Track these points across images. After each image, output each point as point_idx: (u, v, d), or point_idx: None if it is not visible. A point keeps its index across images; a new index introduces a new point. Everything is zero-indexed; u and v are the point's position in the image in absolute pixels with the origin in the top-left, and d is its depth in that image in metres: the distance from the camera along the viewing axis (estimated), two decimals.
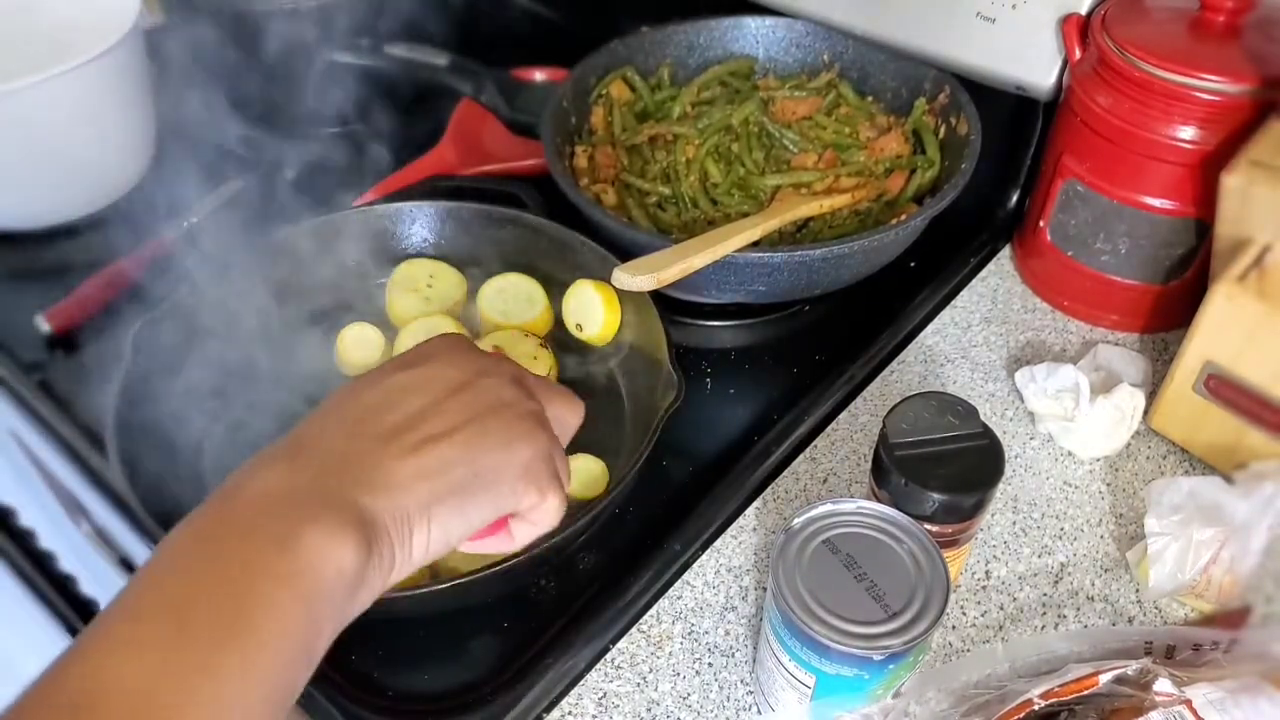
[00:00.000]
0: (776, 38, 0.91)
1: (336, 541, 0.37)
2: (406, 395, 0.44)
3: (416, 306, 0.76)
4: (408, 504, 0.40)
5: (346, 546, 0.37)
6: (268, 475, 0.39)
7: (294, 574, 0.36)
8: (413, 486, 0.41)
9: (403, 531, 0.40)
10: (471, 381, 0.45)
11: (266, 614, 0.35)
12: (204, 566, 0.36)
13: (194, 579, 0.35)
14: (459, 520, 0.42)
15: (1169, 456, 0.70)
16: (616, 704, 0.57)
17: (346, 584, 0.37)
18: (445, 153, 0.92)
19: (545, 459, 0.45)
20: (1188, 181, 0.70)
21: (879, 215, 0.79)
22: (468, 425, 0.43)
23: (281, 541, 0.36)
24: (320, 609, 0.36)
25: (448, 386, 0.44)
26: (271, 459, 0.40)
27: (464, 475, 0.42)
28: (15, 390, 0.76)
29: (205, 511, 0.38)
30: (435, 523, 0.41)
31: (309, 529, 0.37)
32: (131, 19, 0.83)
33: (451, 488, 0.41)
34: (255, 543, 0.36)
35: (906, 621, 0.47)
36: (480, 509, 0.43)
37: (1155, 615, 0.61)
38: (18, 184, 0.85)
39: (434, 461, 0.41)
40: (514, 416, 0.45)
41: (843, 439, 0.71)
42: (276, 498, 0.38)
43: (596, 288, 0.72)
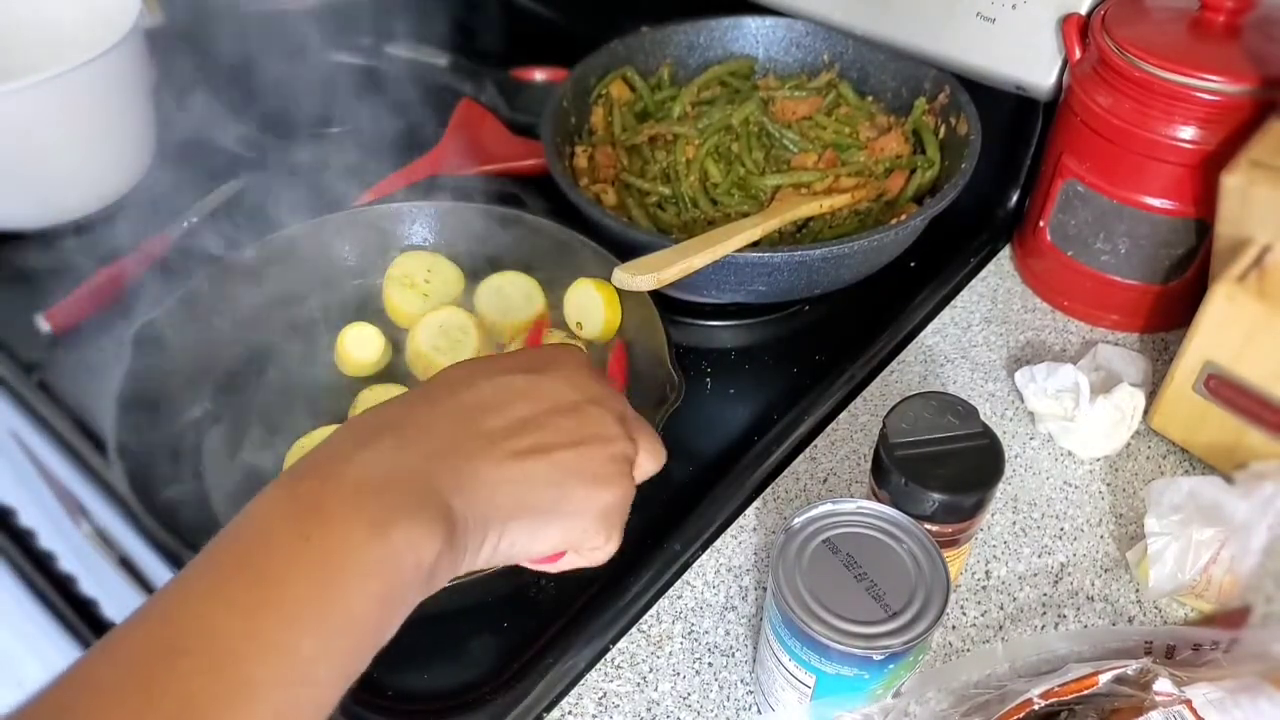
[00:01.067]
0: (776, 38, 0.91)
1: (425, 536, 0.38)
2: (519, 400, 0.43)
3: (414, 303, 0.75)
4: (489, 511, 0.41)
5: (432, 542, 0.38)
6: (371, 457, 0.39)
7: (381, 564, 0.36)
8: (499, 493, 0.41)
9: (478, 534, 0.41)
10: (581, 405, 0.45)
11: (348, 600, 0.36)
12: (302, 543, 0.36)
13: (291, 553, 0.36)
14: (529, 540, 0.42)
15: (1169, 456, 0.70)
16: (616, 704, 0.57)
17: (423, 577, 0.38)
18: (445, 153, 0.92)
19: (623, 507, 0.46)
20: (1188, 181, 0.70)
21: (879, 215, 0.79)
22: (566, 449, 0.43)
23: (375, 528, 0.37)
24: (396, 598, 0.37)
25: (559, 404, 0.44)
26: (377, 434, 0.40)
27: (548, 499, 0.42)
28: (15, 390, 0.76)
29: (307, 480, 0.38)
30: (507, 536, 0.41)
31: (402, 520, 0.37)
32: (131, 19, 0.83)
33: (534, 507, 0.42)
34: (350, 526, 0.37)
35: (906, 621, 0.47)
36: (551, 536, 0.43)
37: (1155, 615, 0.61)
38: (18, 184, 0.85)
39: (525, 474, 0.42)
40: (610, 456, 0.45)
41: (843, 439, 0.71)
42: (377, 482, 0.38)
43: (596, 287, 0.72)
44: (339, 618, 0.35)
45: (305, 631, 0.35)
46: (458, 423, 0.42)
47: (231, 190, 0.89)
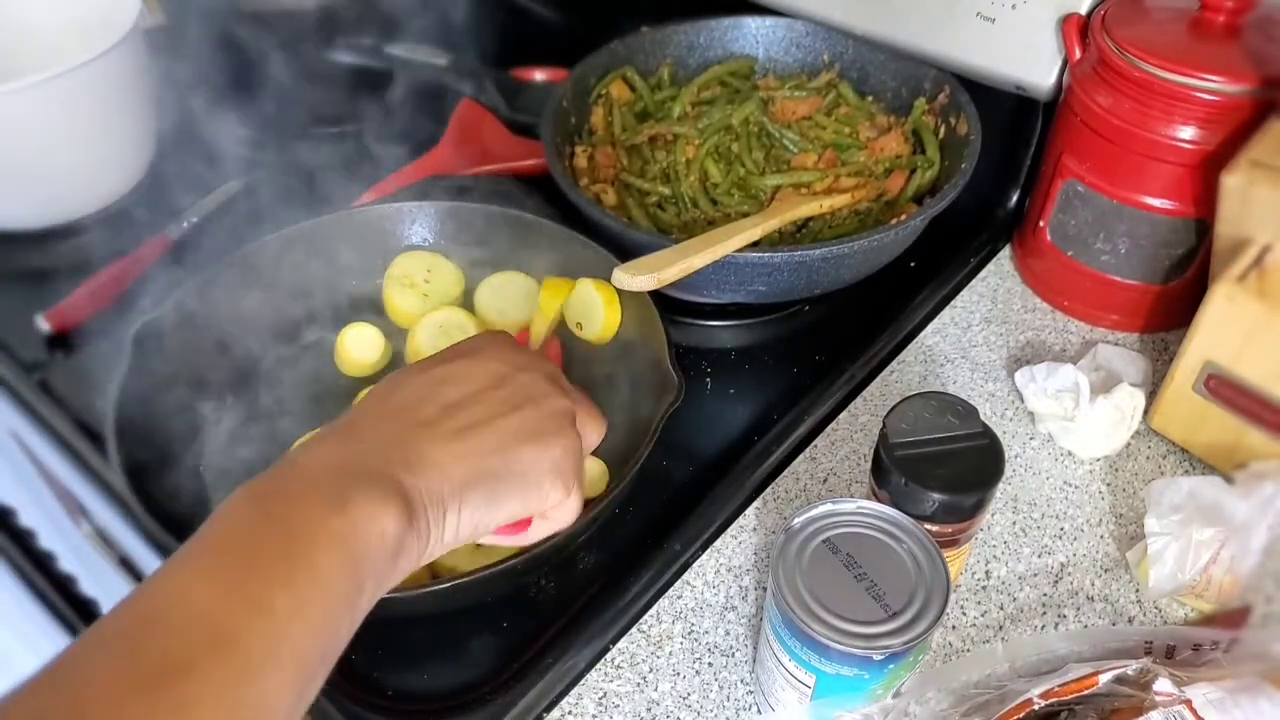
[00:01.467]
0: (776, 38, 0.91)
1: (380, 509, 0.40)
2: (446, 386, 0.46)
3: (414, 303, 0.75)
4: (443, 485, 0.43)
5: (389, 515, 0.40)
6: (321, 450, 0.43)
7: (342, 533, 0.39)
8: (449, 469, 0.43)
9: (438, 510, 0.43)
10: (510, 375, 0.47)
11: (317, 565, 0.38)
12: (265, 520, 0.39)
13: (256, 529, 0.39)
14: (489, 508, 0.45)
15: (1169, 456, 0.70)
16: (616, 704, 0.57)
17: (388, 550, 0.40)
18: (445, 153, 0.92)
19: (574, 455, 0.47)
20: (1188, 181, 0.70)
21: (879, 215, 0.79)
22: (504, 417, 0.46)
23: (333, 503, 0.39)
24: (364, 568, 0.39)
25: (487, 379, 0.47)
26: (324, 437, 0.44)
27: (497, 464, 0.45)
28: (15, 390, 0.76)
29: (266, 477, 0.41)
30: (467, 507, 0.44)
31: (357, 495, 0.40)
32: (131, 19, 0.83)
33: (484, 474, 0.44)
34: (310, 503, 0.39)
35: (906, 621, 0.47)
36: (509, 501, 0.45)
37: (1155, 615, 0.61)
38: (18, 184, 0.85)
39: (470, 448, 0.44)
40: (548, 413, 0.47)
41: (843, 439, 0.71)
42: (329, 467, 0.41)
43: (597, 287, 0.72)
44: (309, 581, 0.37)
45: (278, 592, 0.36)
46: (395, 419, 0.45)
47: (231, 190, 0.89)
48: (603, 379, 0.73)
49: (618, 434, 0.68)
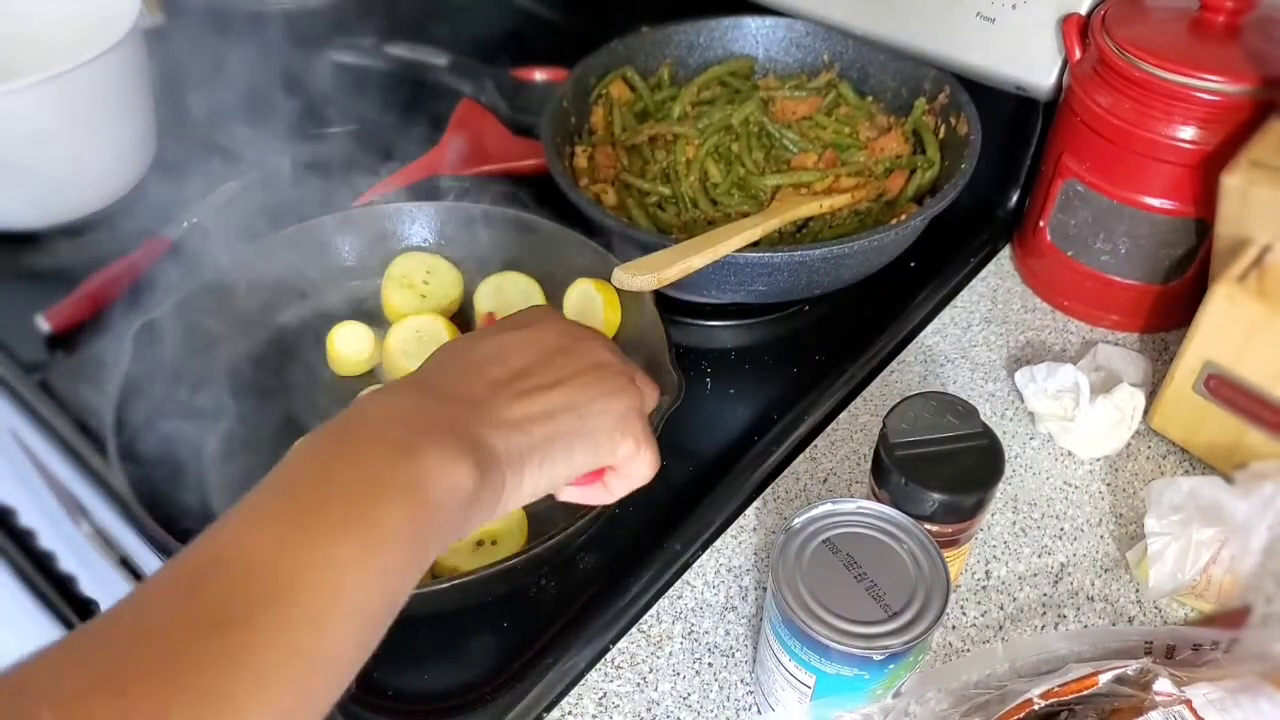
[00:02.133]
0: (776, 38, 0.91)
1: (453, 461, 0.39)
2: (515, 350, 0.47)
3: (412, 303, 0.76)
4: (521, 442, 0.43)
5: (463, 467, 0.40)
6: (393, 399, 0.42)
7: (412, 483, 0.38)
8: (525, 427, 0.44)
9: (518, 465, 0.43)
10: (571, 345, 0.48)
11: (385, 513, 0.37)
12: (333, 464, 0.38)
13: (323, 473, 0.38)
14: (565, 463, 0.45)
15: (1169, 456, 0.70)
16: (616, 704, 0.57)
17: (459, 502, 0.39)
18: (445, 153, 0.92)
19: (639, 413, 0.48)
20: (1188, 181, 0.70)
21: (879, 215, 0.79)
22: (572, 379, 0.46)
23: (404, 452, 0.39)
24: (433, 520, 0.39)
25: (552, 346, 0.48)
26: (396, 388, 0.44)
27: (570, 421, 0.45)
28: (15, 390, 0.76)
29: (335, 423, 0.41)
30: (546, 462, 0.44)
31: (429, 446, 0.39)
32: (131, 19, 0.83)
33: (559, 432, 0.45)
34: (380, 450, 0.39)
35: (906, 621, 0.47)
36: (584, 454, 0.46)
37: (1155, 615, 0.61)
38: (18, 184, 0.85)
39: (543, 407, 0.45)
40: (612, 374, 0.48)
41: (843, 439, 0.71)
42: (402, 416, 0.41)
43: (597, 287, 0.72)
44: (374, 530, 0.37)
45: (340, 541, 0.36)
46: (466, 376, 0.45)
47: (231, 190, 0.89)
48: None
49: None
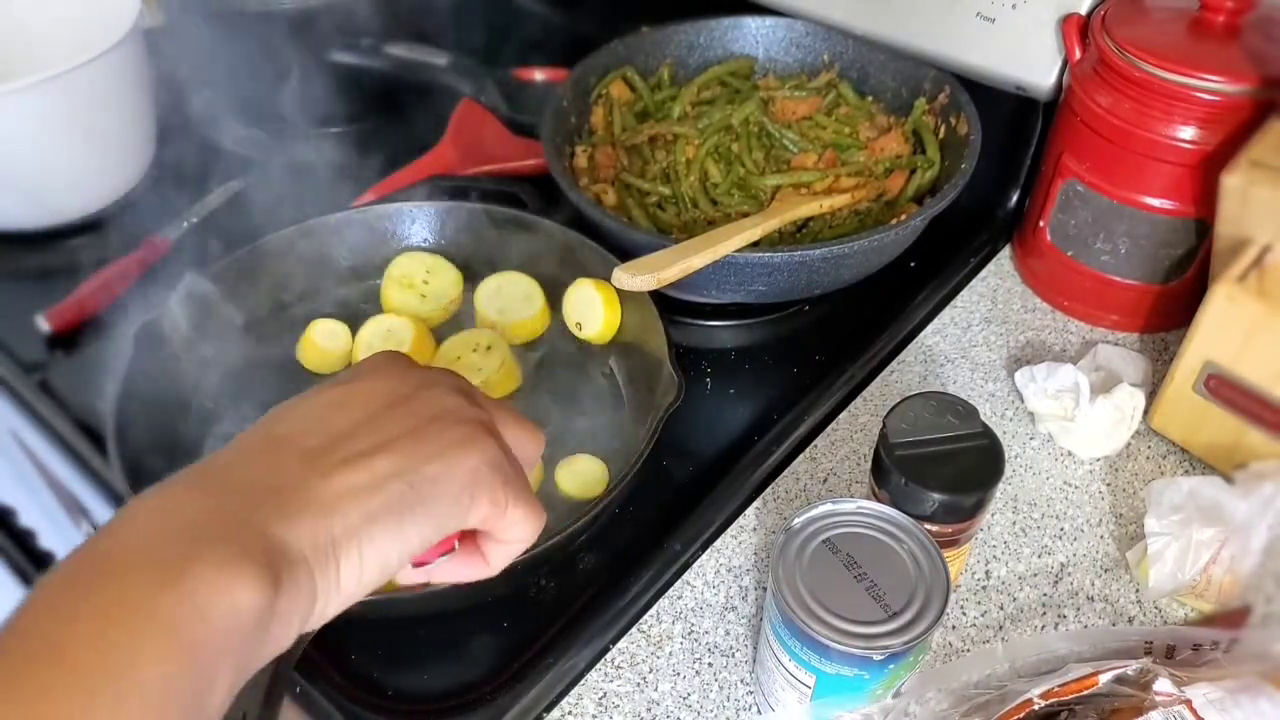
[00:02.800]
0: (776, 38, 0.91)
1: (230, 576, 0.32)
2: (336, 411, 0.39)
3: (412, 303, 0.76)
4: (332, 527, 0.35)
5: (243, 582, 0.32)
6: (160, 503, 0.34)
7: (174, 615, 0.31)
8: (339, 507, 0.36)
9: (327, 559, 0.35)
10: (410, 395, 0.40)
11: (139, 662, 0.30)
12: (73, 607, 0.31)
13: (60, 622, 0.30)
14: (395, 542, 0.37)
15: (1169, 456, 0.70)
16: (616, 704, 0.57)
17: (246, 625, 0.32)
18: (445, 153, 0.92)
19: (495, 466, 0.40)
20: (1188, 181, 0.70)
21: (879, 215, 0.79)
22: (403, 438, 0.38)
23: (164, 576, 0.31)
24: (210, 655, 0.31)
25: (383, 400, 0.40)
26: (169, 485, 0.35)
27: (399, 490, 0.37)
28: (15, 390, 0.76)
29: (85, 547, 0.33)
30: (368, 546, 0.36)
31: (198, 562, 0.32)
32: (131, 19, 0.83)
33: (385, 505, 0.37)
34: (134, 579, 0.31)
35: (906, 621, 0.47)
36: (420, 527, 0.38)
37: (1155, 615, 0.61)
38: (18, 184, 0.85)
39: (364, 477, 0.37)
40: (455, 422, 0.40)
41: (843, 439, 0.71)
42: (173, 526, 0.33)
43: (596, 287, 0.72)
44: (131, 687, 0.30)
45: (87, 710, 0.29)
46: (273, 453, 0.37)
47: (231, 190, 0.89)
48: (603, 379, 0.73)
49: (618, 434, 0.68)
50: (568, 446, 0.68)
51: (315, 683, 0.57)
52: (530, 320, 0.75)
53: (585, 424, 0.69)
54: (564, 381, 0.73)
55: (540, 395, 0.72)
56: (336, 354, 0.73)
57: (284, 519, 0.35)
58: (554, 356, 0.74)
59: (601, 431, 0.68)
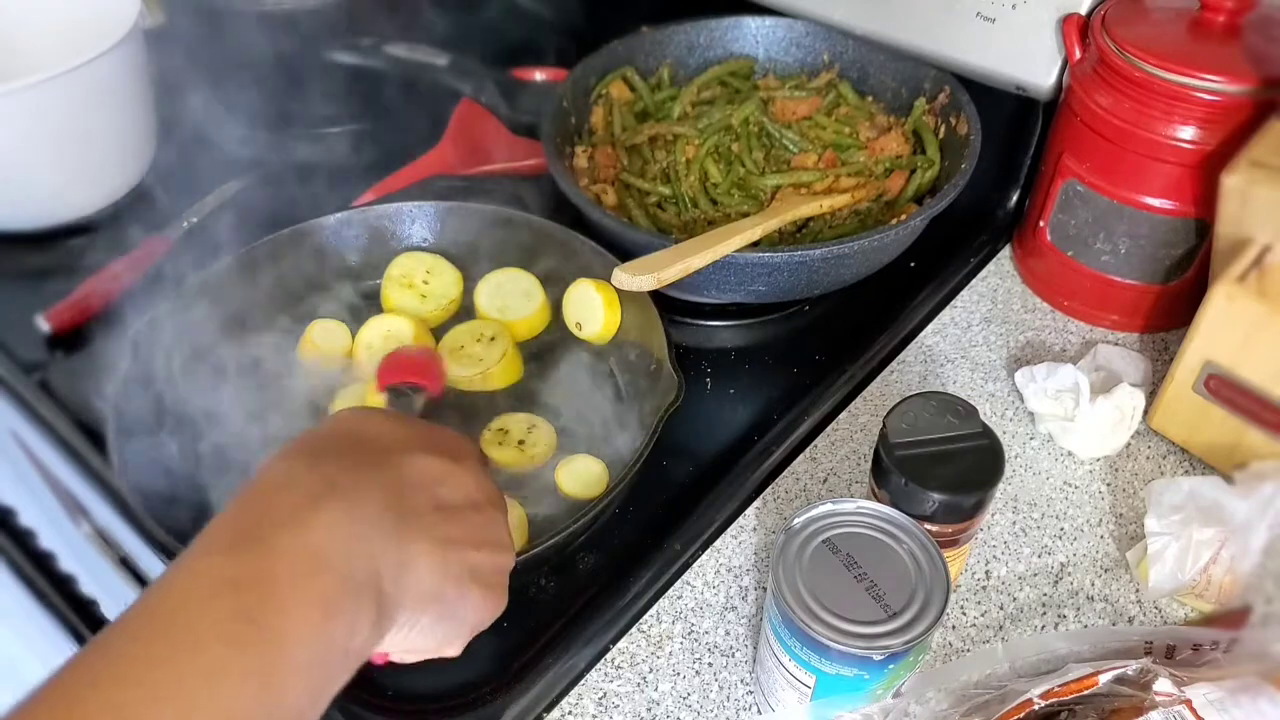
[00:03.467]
0: (776, 38, 0.91)
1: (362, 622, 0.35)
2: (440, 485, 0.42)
3: (412, 303, 0.76)
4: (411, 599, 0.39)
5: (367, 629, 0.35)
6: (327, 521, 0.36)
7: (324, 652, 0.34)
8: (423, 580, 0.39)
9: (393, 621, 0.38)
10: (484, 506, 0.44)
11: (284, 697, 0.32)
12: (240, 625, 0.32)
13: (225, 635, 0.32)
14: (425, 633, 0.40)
15: (1169, 456, 0.70)
16: (616, 704, 0.57)
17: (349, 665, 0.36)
18: (445, 153, 0.92)
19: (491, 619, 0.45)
20: (1188, 181, 0.70)
21: (879, 215, 0.79)
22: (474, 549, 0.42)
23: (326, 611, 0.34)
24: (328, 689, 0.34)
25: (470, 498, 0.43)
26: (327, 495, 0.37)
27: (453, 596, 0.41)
28: (15, 390, 0.76)
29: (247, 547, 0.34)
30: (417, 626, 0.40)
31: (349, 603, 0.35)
32: (131, 19, 0.83)
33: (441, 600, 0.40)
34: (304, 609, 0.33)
35: (906, 621, 0.47)
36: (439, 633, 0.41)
37: (1155, 615, 0.61)
38: (18, 184, 0.85)
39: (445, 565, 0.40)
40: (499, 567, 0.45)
41: (843, 439, 0.71)
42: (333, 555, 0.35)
43: (596, 287, 0.72)
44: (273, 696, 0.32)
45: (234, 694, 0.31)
46: (393, 495, 0.39)
47: (231, 190, 0.89)
48: (603, 379, 0.73)
49: (618, 434, 0.68)
50: (568, 446, 0.68)
51: None
52: (530, 317, 0.75)
53: (585, 424, 0.69)
54: (564, 381, 0.73)
55: (540, 394, 0.72)
56: (336, 354, 0.73)
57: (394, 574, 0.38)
58: (554, 355, 0.75)
59: (601, 431, 0.68)
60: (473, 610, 0.42)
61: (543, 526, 0.62)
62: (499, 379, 0.71)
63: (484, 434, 0.68)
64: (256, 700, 0.31)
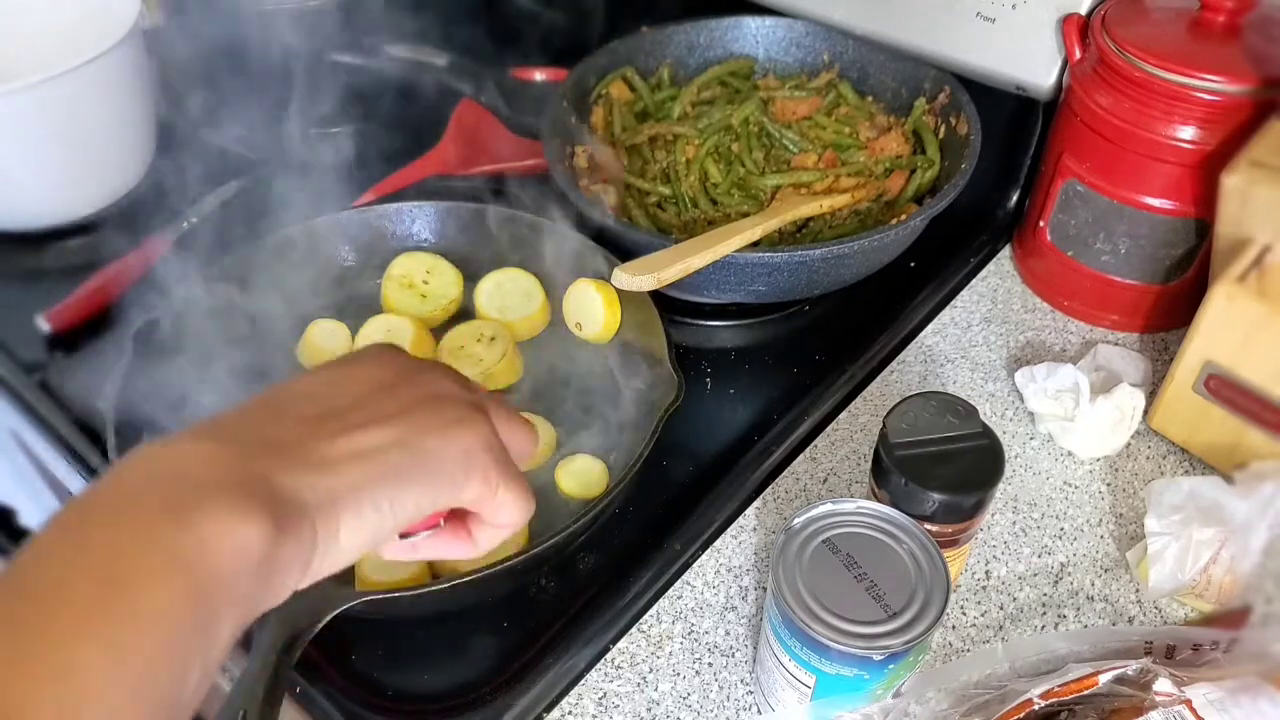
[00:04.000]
0: (776, 38, 0.91)
1: (239, 517, 0.32)
2: (337, 386, 0.41)
3: (412, 303, 0.76)
4: (336, 484, 0.37)
5: (252, 523, 0.32)
6: (172, 448, 0.35)
7: (183, 551, 0.31)
8: (343, 466, 0.37)
9: (329, 513, 0.36)
10: (407, 378, 0.42)
11: (144, 594, 0.30)
12: (83, 539, 0.31)
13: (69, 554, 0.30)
14: (394, 505, 0.38)
15: (1169, 456, 0.70)
16: (616, 704, 0.57)
17: (251, 567, 0.32)
18: (445, 153, 0.92)
19: (490, 448, 0.41)
20: (1188, 181, 0.70)
21: (879, 215, 0.79)
22: (404, 413, 0.40)
23: (176, 512, 0.32)
24: (217, 593, 0.31)
25: (380, 381, 0.41)
26: (181, 435, 0.36)
27: (400, 457, 0.39)
28: (15, 390, 0.76)
29: (98, 484, 0.33)
30: (368, 505, 0.37)
31: (207, 501, 0.32)
32: (131, 19, 0.83)
33: (386, 470, 0.38)
34: (143, 514, 0.31)
35: (906, 621, 0.47)
36: (417, 494, 0.39)
37: (1155, 615, 0.61)
38: (18, 184, 0.85)
39: (367, 442, 0.38)
40: (454, 402, 0.41)
41: (843, 439, 0.71)
42: (178, 469, 0.34)
43: (597, 287, 0.72)
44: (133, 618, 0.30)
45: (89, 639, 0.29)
46: (273, 416, 0.38)
47: (231, 190, 0.89)
48: (603, 379, 0.73)
49: (618, 434, 0.68)
50: (568, 446, 0.68)
51: (315, 683, 0.57)
52: (530, 317, 0.75)
53: (585, 424, 0.69)
54: (564, 381, 0.73)
55: (540, 394, 0.72)
56: (336, 354, 0.73)
57: (291, 471, 0.36)
58: (554, 355, 0.74)
59: (601, 431, 0.68)
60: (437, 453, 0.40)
61: (543, 526, 0.62)
62: (499, 379, 0.71)
63: None
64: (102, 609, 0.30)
